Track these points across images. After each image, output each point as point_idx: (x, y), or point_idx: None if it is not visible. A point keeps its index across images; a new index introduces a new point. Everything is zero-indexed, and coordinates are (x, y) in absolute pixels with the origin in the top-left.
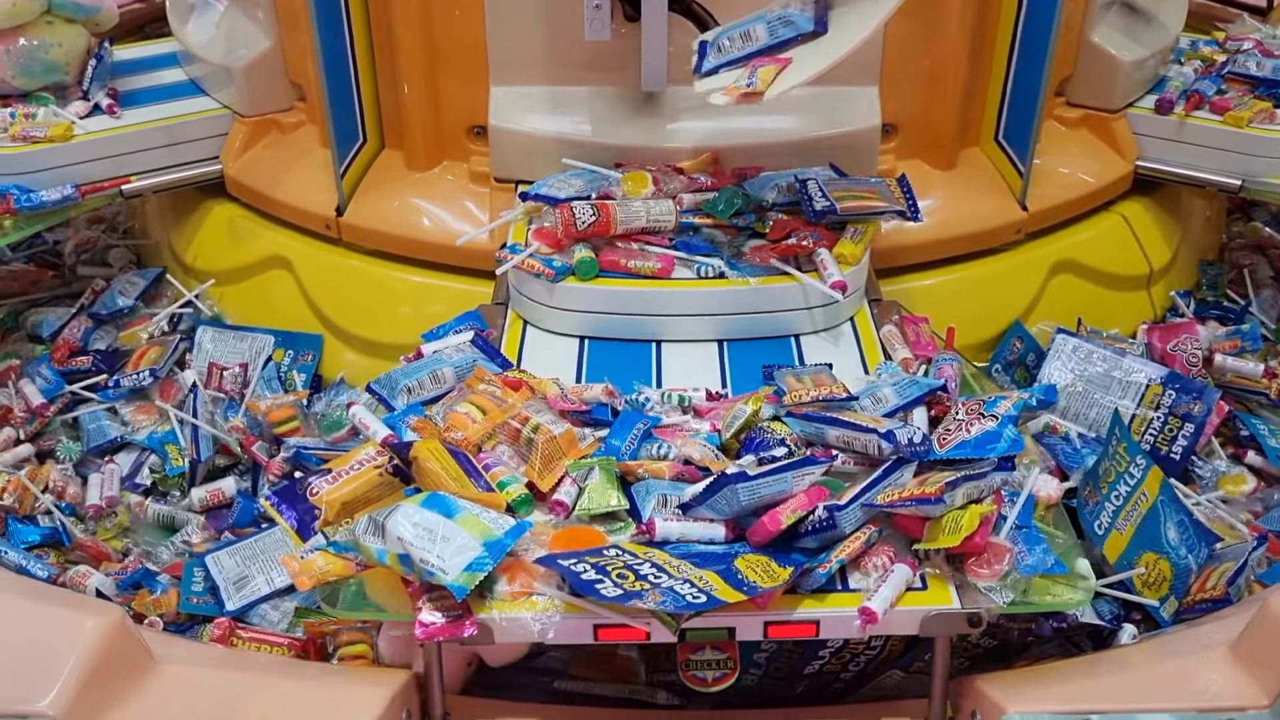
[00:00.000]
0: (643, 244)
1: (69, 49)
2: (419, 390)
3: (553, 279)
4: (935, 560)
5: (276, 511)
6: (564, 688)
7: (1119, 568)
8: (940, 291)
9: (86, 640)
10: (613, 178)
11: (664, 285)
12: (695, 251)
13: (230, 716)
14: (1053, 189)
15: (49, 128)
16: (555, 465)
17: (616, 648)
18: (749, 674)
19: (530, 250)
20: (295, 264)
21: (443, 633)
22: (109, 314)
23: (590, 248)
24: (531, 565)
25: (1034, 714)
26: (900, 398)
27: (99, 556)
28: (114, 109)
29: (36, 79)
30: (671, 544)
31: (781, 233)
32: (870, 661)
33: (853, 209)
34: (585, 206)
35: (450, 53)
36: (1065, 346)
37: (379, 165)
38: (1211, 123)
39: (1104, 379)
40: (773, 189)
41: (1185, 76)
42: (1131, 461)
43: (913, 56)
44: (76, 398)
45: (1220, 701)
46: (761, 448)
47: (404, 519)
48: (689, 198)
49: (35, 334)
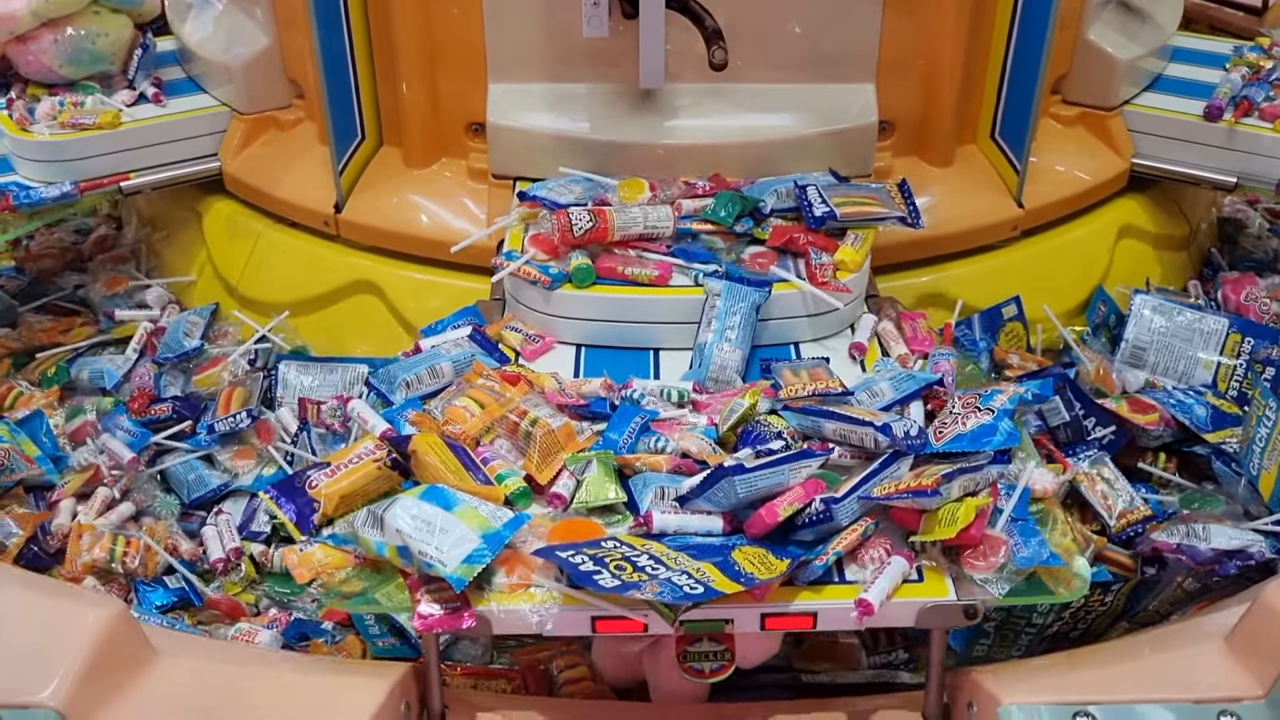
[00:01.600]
0: (640, 250)
1: (115, 39)
2: (417, 385)
3: (549, 286)
4: (931, 552)
5: (275, 505)
6: (808, 681)
7: (1274, 505)
8: (936, 288)
9: (87, 632)
10: (609, 184)
11: (661, 292)
12: (693, 258)
13: (231, 708)
14: (1049, 186)
15: (98, 115)
16: (553, 458)
17: (836, 636)
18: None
19: (526, 257)
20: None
21: (441, 624)
22: (176, 357)
23: (587, 254)
24: (530, 557)
25: (1029, 704)
26: (896, 392)
27: (234, 612)
28: (159, 98)
29: (83, 68)
30: (669, 536)
31: (781, 239)
32: (1099, 618)
33: (853, 215)
34: (582, 212)
35: (448, 50)
36: (1144, 306)
37: (377, 162)
38: (1262, 130)
39: (1185, 332)
40: (772, 194)
41: (1233, 83)
42: (1266, 405)
43: (909, 54)
44: (160, 448)
45: (1215, 692)
46: (758, 441)
47: (403, 511)
48: (687, 203)
49: (95, 385)
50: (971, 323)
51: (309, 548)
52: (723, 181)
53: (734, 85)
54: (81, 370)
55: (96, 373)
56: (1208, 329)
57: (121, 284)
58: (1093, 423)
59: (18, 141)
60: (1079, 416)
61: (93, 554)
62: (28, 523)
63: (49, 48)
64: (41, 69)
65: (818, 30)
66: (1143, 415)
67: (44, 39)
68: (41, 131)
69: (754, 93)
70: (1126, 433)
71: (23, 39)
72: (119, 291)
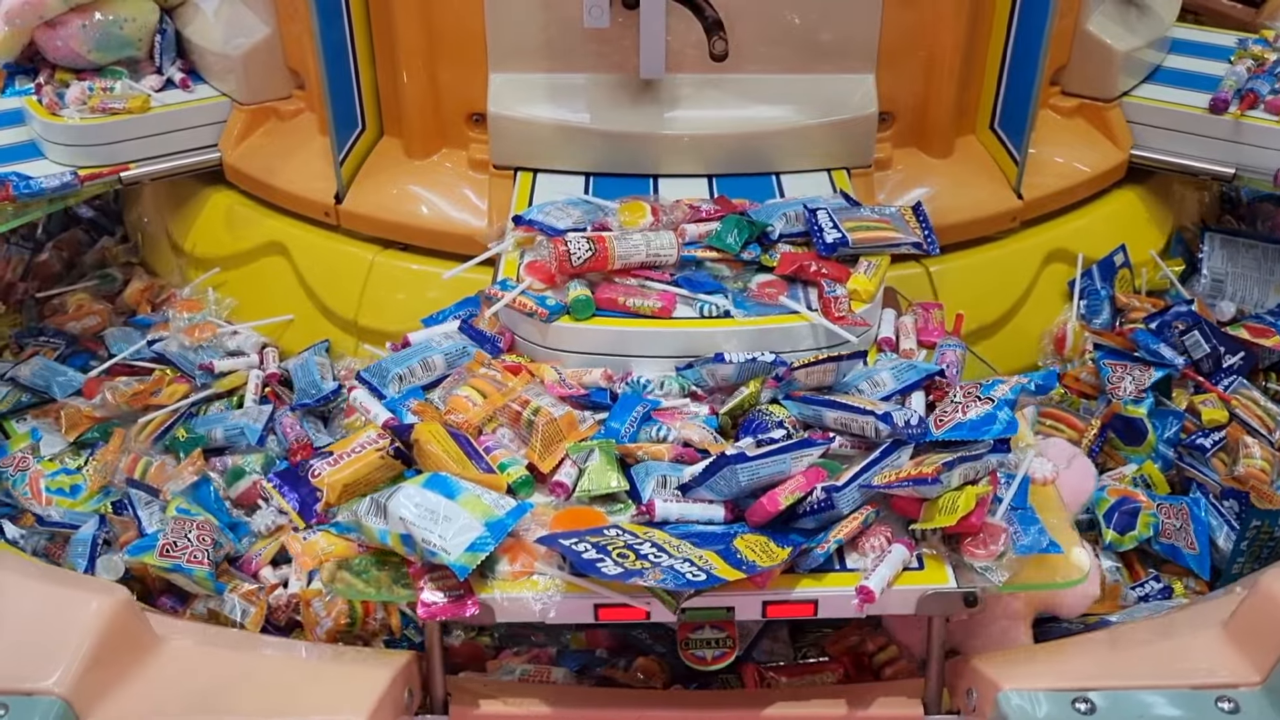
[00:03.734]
0: (642, 280)
1: (141, 24)
2: (410, 378)
3: (546, 319)
4: (932, 540)
5: (279, 494)
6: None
7: None
8: (936, 279)
9: (92, 619)
10: (609, 208)
11: (665, 325)
12: (699, 288)
13: (234, 695)
14: (1048, 177)
15: (127, 100)
16: (556, 447)
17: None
18: None
19: (522, 286)
20: (294, 252)
21: (444, 612)
22: (315, 402)
23: (586, 284)
24: (533, 545)
25: (1028, 691)
26: (898, 382)
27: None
28: (186, 83)
29: (111, 53)
30: (671, 524)
31: (789, 267)
32: None
33: (865, 240)
34: (581, 240)
35: (449, 40)
36: (1215, 242)
37: (378, 153)
38: (1268, 123)
39: (1255, 264)
40: (780, 218)
41: (1238, 75)
42: None
43: (910, 44)
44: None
45: (1213, 679)
46: (760, 430)
47: (406, 500)
48: (691, 229)
49: (232, 443)
50: (1092, 274)
51: (312, 536)
52: (728, 204)
53: (734, 76)
54: (212, 429)
55: (233, 430)
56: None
57: (208, 332)
58: (1223, 350)
59: (48, 126)
60: (1216, 346)
61: (334, 619)
62: (254, 598)
63: (77, 33)
64: (69, 54)
65: (818, 21)
66: (1266, 339)
67: (72, 24)
68: (71, 116)
69: (754, 83)
70: (1254, 356)
71: (51, 24)
72: (205, 342)
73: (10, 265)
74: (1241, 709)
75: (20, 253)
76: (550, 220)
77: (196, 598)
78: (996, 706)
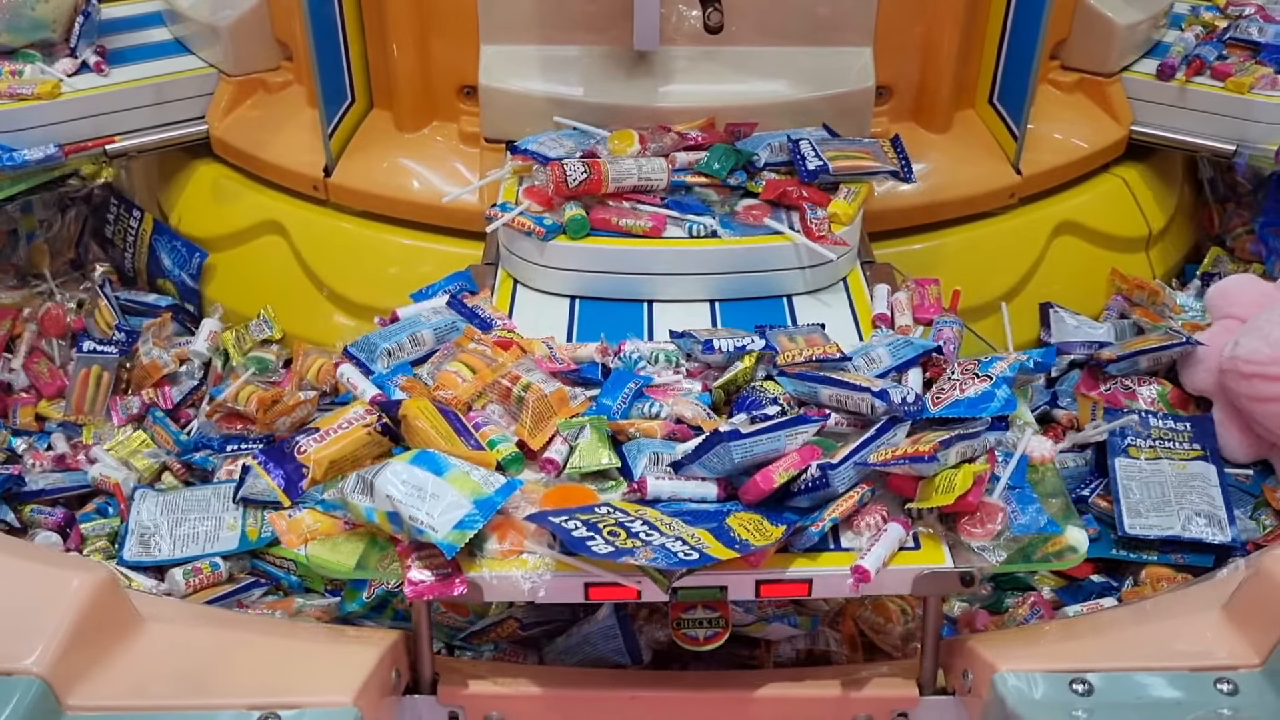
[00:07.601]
0: (634, 202)
1: (56, 5)
2: (398, 353)
3: (543, 237)
4: (928, 519)
5: (264, 470)
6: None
7: None
8: (934, 255)
9: (73, 598)
10: (600, 136)
11: (655, 244)
12: (687, 210)
13: (218, 675)
14: (1047, 153)
15: (36, 85)
16: (546, 423)
17: None
18: None
19: (521, 208)
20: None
21: (432, 591)
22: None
23: (581, 206)
24: (522, 523)
25: (1025, 672)
26: (894, 358)
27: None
28: (101, 66)
29: (22, 35)
30: (663, 502)
31: (774, 192)
32: None
33: (846, 169)
34: (576, 164)
35: (440, 11)
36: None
37: (368, 125)
38: (1212, 88)
39: None
40: (765, 148)
41: (1186, 42)
42: None
43: (907, 18)
44: None
45: (1212, 660)
46: (754, 406)
47: (393, 476)
48: (681, 156)
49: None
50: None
51: (298, 513)
52: (715, 132)
53: (729, 49)
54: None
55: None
56: None
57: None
58: None
59: None
60: None
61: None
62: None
63: None
64: None
65: None
66: None
67: None
68: None
69: (750, 56)
70: None
71: None
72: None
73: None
74: (1240, 690)
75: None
76: (545, 150)
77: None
78: (993, 687)
